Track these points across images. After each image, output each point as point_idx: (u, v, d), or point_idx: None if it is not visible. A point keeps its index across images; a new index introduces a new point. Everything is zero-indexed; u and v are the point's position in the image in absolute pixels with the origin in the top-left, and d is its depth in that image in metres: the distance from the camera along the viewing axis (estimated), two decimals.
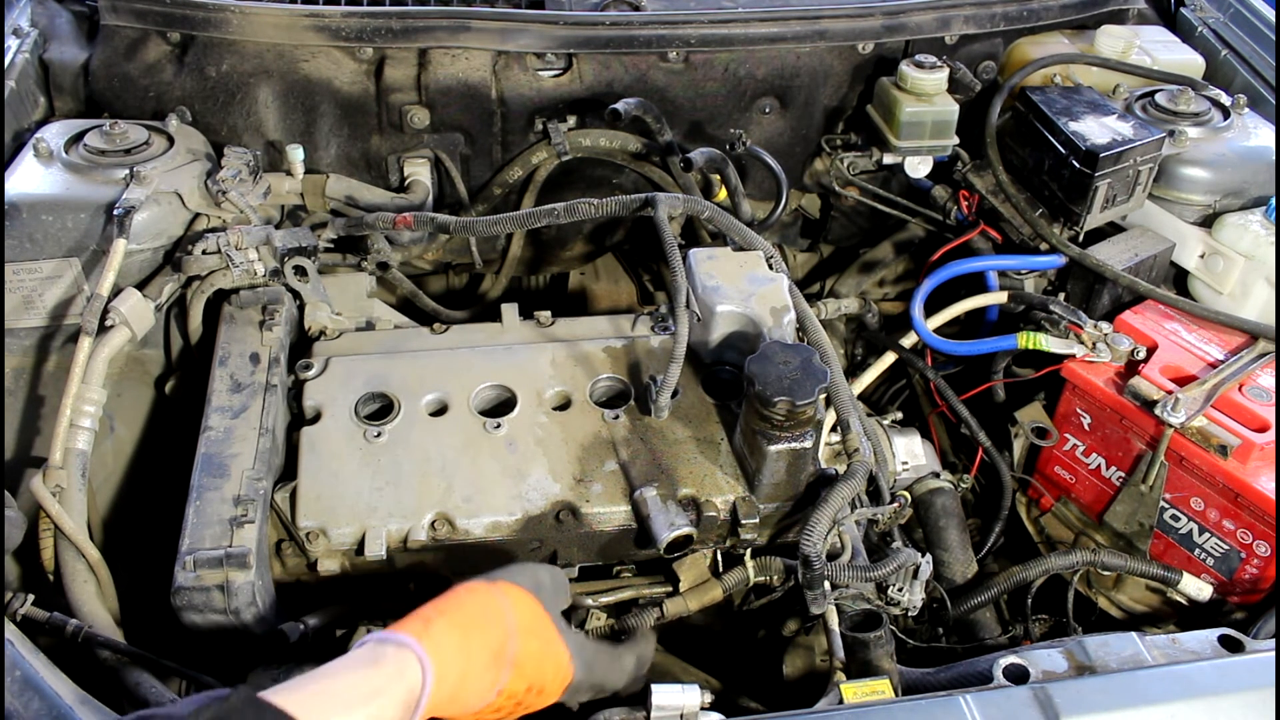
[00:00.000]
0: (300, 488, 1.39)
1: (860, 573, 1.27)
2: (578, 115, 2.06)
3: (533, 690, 1.07)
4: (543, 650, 1.08)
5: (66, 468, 1.41)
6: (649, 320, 1.68)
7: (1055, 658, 1.20)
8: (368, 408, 1.52)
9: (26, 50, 1.92)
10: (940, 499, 1.77)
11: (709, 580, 1.41)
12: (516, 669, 1.04)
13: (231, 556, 1.25)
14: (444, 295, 2.31)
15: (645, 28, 1.99)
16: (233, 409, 1.49)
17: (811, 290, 2.32)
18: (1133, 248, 1.90)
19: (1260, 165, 1.92)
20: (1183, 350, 1.69)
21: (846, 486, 1.31)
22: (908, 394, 2.17)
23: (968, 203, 2.04)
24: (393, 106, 1.98)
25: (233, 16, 1.89)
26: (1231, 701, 1.12)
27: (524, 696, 1.06)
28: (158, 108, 1.92)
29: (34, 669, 1.09)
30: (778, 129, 2.16)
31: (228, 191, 1.69)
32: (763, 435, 1.34)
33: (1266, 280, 1.83)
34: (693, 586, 1.42)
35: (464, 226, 1.74)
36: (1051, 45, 2.19)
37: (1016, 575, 1.66)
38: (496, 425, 1.48)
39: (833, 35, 2.07)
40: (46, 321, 1.65)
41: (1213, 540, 1.63)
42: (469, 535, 1.37)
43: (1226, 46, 2.26)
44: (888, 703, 1.14)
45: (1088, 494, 1.81)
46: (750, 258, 1.63)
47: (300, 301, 1.71)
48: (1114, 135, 1.83)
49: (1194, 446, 1.57)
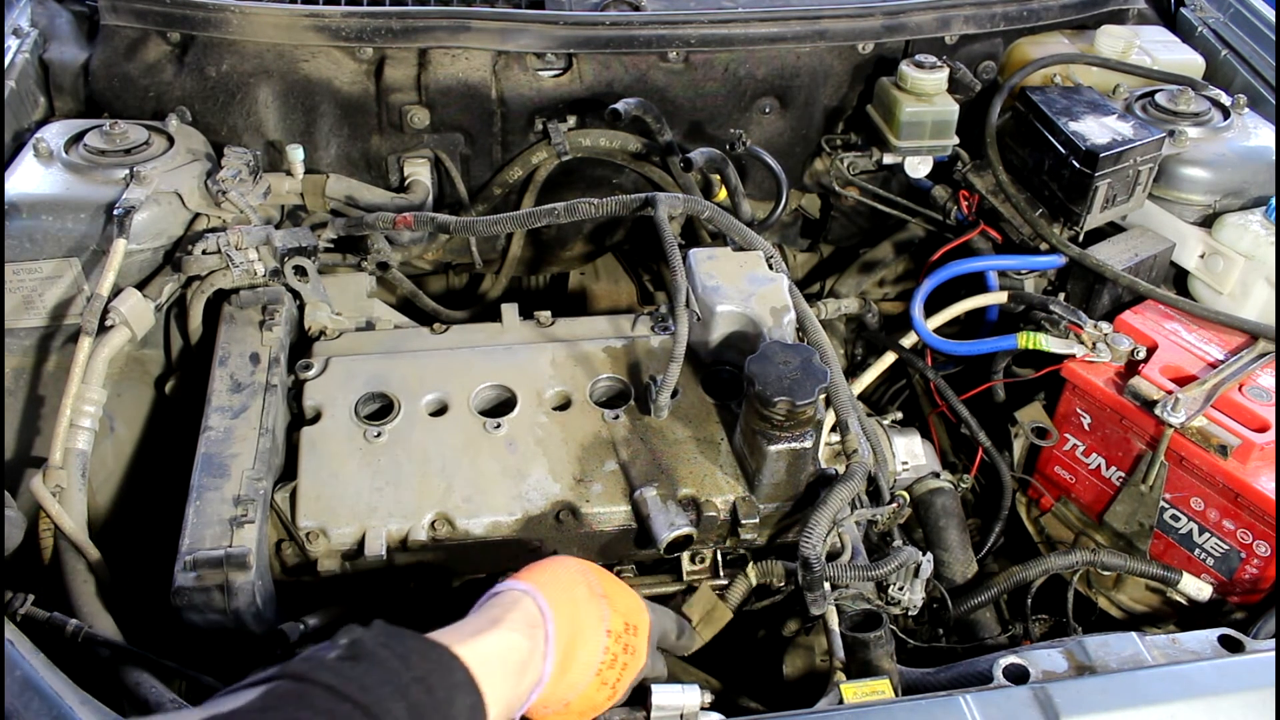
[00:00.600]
0: (300, 488, 1.39)
1: (861, 572, 1.27)
2: (578, 115, 2.06)
3: (630, 628, 1.09)
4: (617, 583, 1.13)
5: (66, 468, 1.41)
6: (649, 320, 1.68)
7: (1055, 658, 1.20)
8: (368, 408, 1.52)
9: (26, 50, 1.92)
10: (940, 499, 1.77)
11: (716, 605, 1.40)
12: (609, 602, 1.07)
13: (231, 557, 1.25)
14: (444, 295, 2.31)
15: (645, 28, 1.99)
16: (233, 409, 1.49)
17: (811, 290, 2.32)
18: (1133, 248, 1.90)
19: (1260, 165, 1.92)
20: (1183, 350, 1.69)
21: (845, 488, 1.31)
22: (908, 394, 2.17)
23: (968, 203, 2.04)
24: (393, 106, 1.98)
25: (233, 16, 1.89)
26: (1231, 701, 1.12)
27: (627, 638, 1.08)
28: (158, 108, 1.92)
29: (34, 669, 1.09)
30: (778, 129, 2.16)
31: (228, 191, 1.69)
32: (763, 435, 1.34)
33: (1266, 280, 1.83)
34: (703, 617, 1.40)
35: (465, 226, 1.74)
36: (1051, 45, 2.19)
37: (1016, 575, 1.66)
38: (496, 425, 1.48)
39: (833, 35, 2.07)
40: (46, 321, 1.65)
41: (1213, 540, 1.63)
42: (469, 535, 1.37)
43: (1226, 46, 2.26)
44: (888, 703, 1.14)
45: (1088, 494, 1.81)
46: (750, 258, 1.63)
47: (300, 301, 1.71)
48: (1114, 135, 1.83)
49: (1194, 446, 1.57)
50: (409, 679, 0.80)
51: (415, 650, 0.84)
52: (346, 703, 0.76)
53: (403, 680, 0.80)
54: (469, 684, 0.86)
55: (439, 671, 0.84)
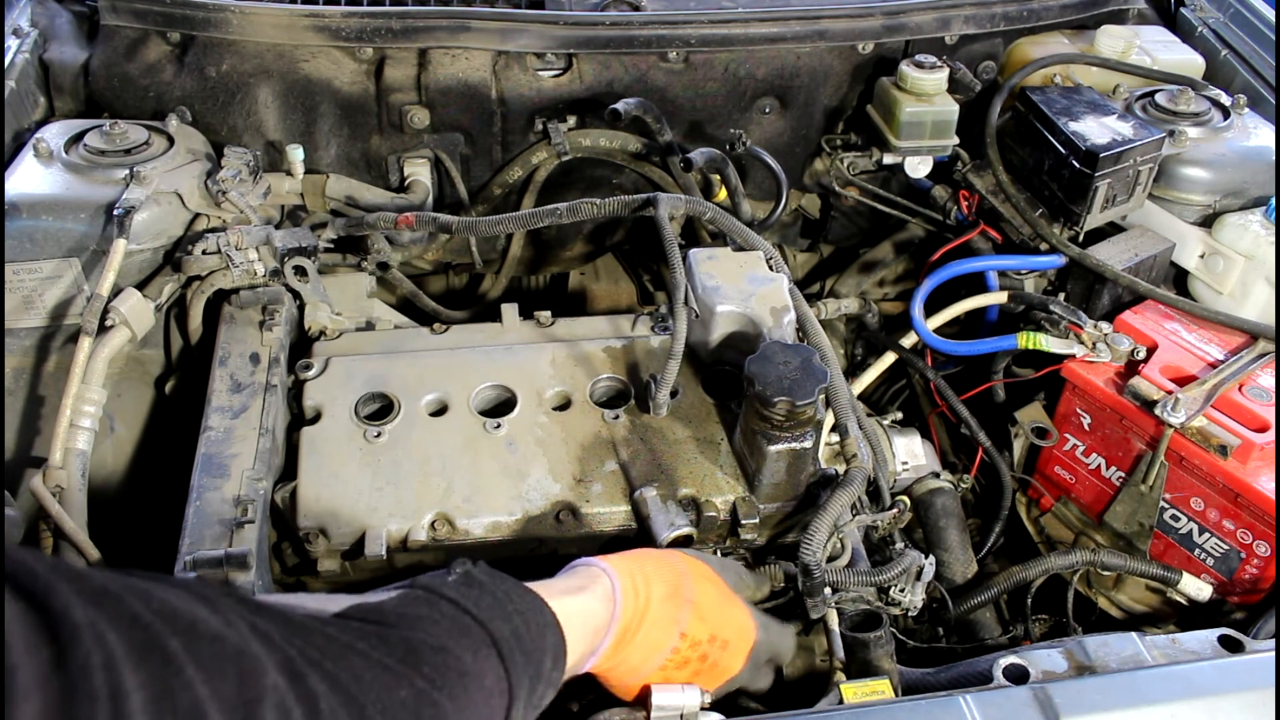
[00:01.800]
0: (300, 488, 1.39)
1: (864, 578, 1.27)
2: (578, 115, 2.06)
3: (716, 641, 1.13)
4: (721, 598, 1.17)
5: (66, 468, 1.41)
6: (649, 320, 1.68)
7: (1055, 658, 1.20)
8: (368, 408, 1.52)
9: (26, 50, 1.92)
10: (940, 499, 1.77)
11: None
12: (695, 610, 1.12)
13: (231, 557, 1.25)
14: (444, 295, 2.31)
15: (645, 28, 1.99)
16: (233, 409, 1.49)
17: (811, 290, 2.32)
18: (1133, 248, 1.90)
19: (1260, 165, 1.92)
20: (1183, 350, 1.69)
21: (845, 494, 1.31)
22: (908, 394, 2.17)
23: (968, 203, 2.04)
24: (393, 106, 1.98)
25: (233, 16, 1.89)
26: (1231, 701, 1.12)
27: (708, 648, 1.13)
28: (158, 108, 1.92)
29: None
30: (778, 129, 2.16)
31: (228, 191, 1.69)
32: (763, 435, 1.34)
33: (1266, 280, 1.83)
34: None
35: (467, 226, 1.74)
36: (1051, 45, 2.19)
37: (1016, 575, 1.66)
38: (496, 425, 1.48)
39: (833, 35, 2.07)
40: (46, 321, 1.65)
41: (1213, 540, 1.63)
42: (469, 535, 1.37)
43: (1226, 46, 2.26)
44: (888, 703, 1.14)
45: (1088, 494, 1.81)
46: (750, 258, 1.63)
47: (300, 301, 1.71)
48: (1114, 135, 1.83)
49: (1194, 446, 1.57)
50: (511, 609, 0.93)
51: (515, 590, 0.97)
52: (466, 615, 0.89)
53: (507, 609, 0.93)
54: (556, 626, 0.98)
55: (533, 610, 0.96)
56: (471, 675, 0.84)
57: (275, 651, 0.68)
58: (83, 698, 0.54)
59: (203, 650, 0.62)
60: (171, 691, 0.59)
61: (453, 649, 0.84)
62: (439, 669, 0.81)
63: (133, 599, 0.61)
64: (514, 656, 0.89)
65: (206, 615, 0.65)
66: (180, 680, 0.60)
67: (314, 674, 0.69)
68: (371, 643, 0.78)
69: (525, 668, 0.91)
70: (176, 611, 0.63)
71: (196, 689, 0.60)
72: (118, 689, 0.55)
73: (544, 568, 1.12)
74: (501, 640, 0.89)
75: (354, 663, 0.75)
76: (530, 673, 0.92)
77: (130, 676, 0.56)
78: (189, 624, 0.63)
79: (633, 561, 1.13)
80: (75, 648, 0.54)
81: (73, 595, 0.57)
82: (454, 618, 0.88)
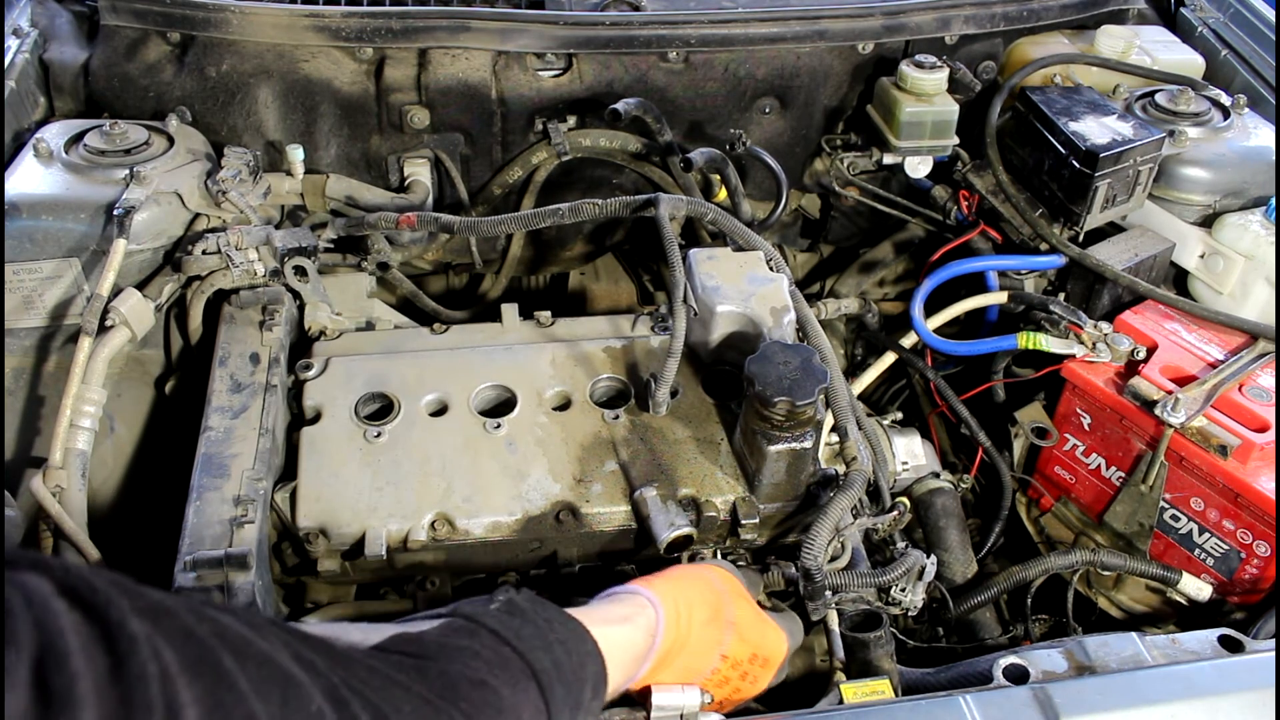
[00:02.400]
0: (300, 488, 1.39)
1: (866, 579, 1.27)
2: (578, 115, 2.06)
3: (757, 660, 1.16)
4: (756, 615, 1.19)
5: (66, 468, 1.41)
6: (649, 320, 1.68)
7: (1055, 658, 1.20)
8: (368, 408, 1.52)
9: (26, 50, 1.92)
10: (940, 499, 1.77)
11: None
12: (737, 631, 1.14)
13: (231, 557, 1.25)
14: (444, 295, 2.31)
15: (645, 28, 1.99)
16: (233, 409, 1.49)
17: (811, 290, 2.32)
18: (1133, 248, 1.90)
19: (1260, 165, 1.92)
20: (1183, 350, 1.69)
21: (845, 497, 1.31)
22: (908, 394, 2.17)
23: (968, 203, 2.04)
24: (393, 106, 1.98)
25: (233, 16, 1.89)
26: (1231, 701, 1.12)
27: (749, 667, 1.16)
28: (158, 108, 1.92)
29: None
30: (778, 129, 2.16)
31: (228, 191, 1.69)
32: (763, 435, 1.34)
33: (1266, 280, 1.83)
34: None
35: (468, 226, 1.74)
36: (1051, 45, 2.19)
37: (1016, 575, 1.66)
38: (496, 425, 1.48)
39: (833, 35, 2.07)
40: (46, 321, 1.65)
41: (1212, 540, 1.63)
42: (469, 535, 1.37)
43: (1226, 46, 2.26)
44: (888, 703, 1.14)
45: (1088, 494, 1.81)
46: (750, 258, 1.62)
47: (300, 301, 1.70)
48: (1114, 135, 1.83)
49: (1194, 446, 1.58)
50: (553, 638, 0.94)
51: (557, 618, 0.98)
52: (506, 646, 0.89)
53: (549, 639, 0.93)
54: (597, 655, 0.99)
55: (575, 639, 0.97)
56: (508, 710, 0.85)
57: (320, 679, 0.69)
58: (139, 707, 0.54)
59: (252, 670, 0.63)
60: (225, 706, 0.59)
61: (491, 683, 0.85)
62: (477, 705, 0.82)
63: (187, 615, 0.62)
64: (554, 689, 0.90)
65: (255, 638, 0.66)
66: (233, 696, 0.60)
67: (356, 701, 0.71)
68: (411, 676, 0.80)
69: (565, 699, 0.91)
70: (228, 630, 0.64)
71: (249, 704, 0.61)
72: (173, 701, 0.56)
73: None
74: (542, 672, 0.89)
75: (394, 694, 0.76)
76: (570, 703, 0.92)
77: (185, 690, 0.57)
78: (240, 644, 0.64)
79: (675, 587, 1.13)
80: (132, 658, 0.55)
81: (129, 608, 0.57)
82: (494, 648, 0.89)
